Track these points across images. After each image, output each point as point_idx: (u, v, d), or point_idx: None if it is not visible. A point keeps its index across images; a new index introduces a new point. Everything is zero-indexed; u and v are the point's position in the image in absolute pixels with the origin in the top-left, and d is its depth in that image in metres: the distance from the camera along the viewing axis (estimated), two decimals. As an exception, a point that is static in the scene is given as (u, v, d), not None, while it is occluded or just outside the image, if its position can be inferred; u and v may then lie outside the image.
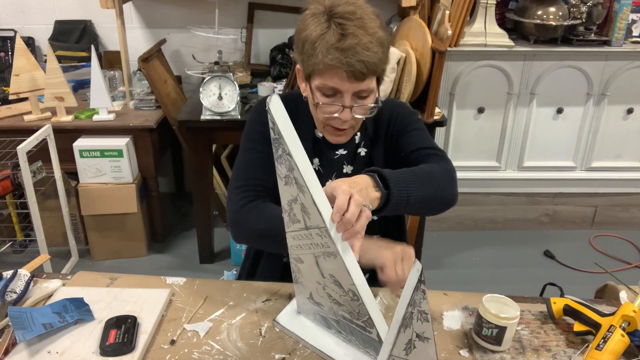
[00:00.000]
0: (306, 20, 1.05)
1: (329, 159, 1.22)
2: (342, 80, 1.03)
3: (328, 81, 1.05)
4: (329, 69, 1.03)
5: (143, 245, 2.63)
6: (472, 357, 0.96)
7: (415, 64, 2.14)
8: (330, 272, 0.88)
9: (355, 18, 1.01)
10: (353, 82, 1.03)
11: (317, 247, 0.86)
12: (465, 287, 1.24)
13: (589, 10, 2.55)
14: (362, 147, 1.24)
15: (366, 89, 1.06)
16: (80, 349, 0.95)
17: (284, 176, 0.85)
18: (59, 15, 2.84)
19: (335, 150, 1.22)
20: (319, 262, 0.89)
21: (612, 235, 2.89)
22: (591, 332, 0.98)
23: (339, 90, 1.05)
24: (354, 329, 0.93)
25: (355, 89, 1.05)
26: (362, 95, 1.07)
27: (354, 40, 1.00)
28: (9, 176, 2.17)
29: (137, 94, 2.63)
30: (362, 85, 1.04)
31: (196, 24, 2.63)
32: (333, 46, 1.01)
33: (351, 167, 1.23)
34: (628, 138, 2.75)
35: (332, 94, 1.07)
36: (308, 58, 1.05)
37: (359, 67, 1.01)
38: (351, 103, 1.07)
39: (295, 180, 0.82)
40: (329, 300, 0.94)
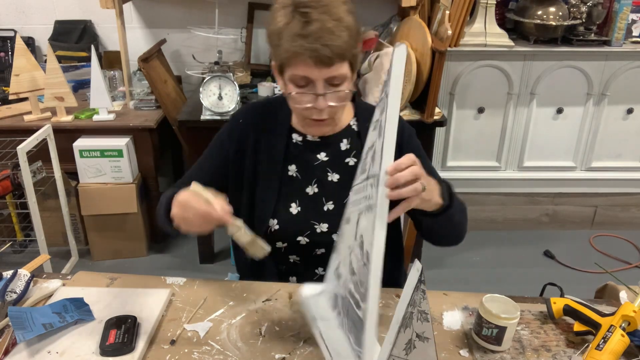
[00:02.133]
0: (273, 14, 1.06)
1: (309, 165, 1.20)
2: (309, 67, 1.02)
3: (297, 70, 1.04)
4: (295, 57, 1.02)
5: (143, 245, 2.63)
6: (472, 357, 0.96)
7: (415, 64, 2.14)
8: (362, 231, 0.87)
9: (319, 5, 1.01)
10: (322, 68, 1.02)
11: (365, 200, 0.87)
12: (465, 287, 1.24)
13: (589, 10, 2.55)
14: (351, 156, 1.21)
15: (337, 75, 1.04)
16: (80, 349, 0.95)
17: (375, 120, 0.89)
18: (59, 15, 2.84)
19: (316, 154, 1.20)
20: (360, 220, 0.89)
21: (612, 235, 2.89)
22: (591, 332, 0.98)
23: (310, 79, 1.05)
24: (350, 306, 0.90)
25: (325, 76, 1.04)
26: (334, 82, 1.06)
27: (317, 25, 1.00)
28: (9, 176, 2.17)
29: (137, 94, 2.63)
30: (332, 70, 1.03)
31: (196, 24, 2.63)
32: (297, 34, 1.01)
33: (337, 175, 1.21)
34: (628, 138, 2.75)
35: (304, 83, 1.06)
36: (276, 49, 1.06)
37: (324, 51, 1.00)
38: (324, 90, 1.05)
39: (380, 123, 0.85)
40: (348, 269, 0.92)
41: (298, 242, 1.19)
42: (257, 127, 1.21)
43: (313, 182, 1.21)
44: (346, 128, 1.23)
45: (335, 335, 0.94)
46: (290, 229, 1.19)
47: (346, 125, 1.23)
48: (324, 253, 1.19)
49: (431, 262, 2.60)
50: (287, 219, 1.18)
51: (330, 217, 1.19)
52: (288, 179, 1.20)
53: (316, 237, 1.19)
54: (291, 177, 1.21)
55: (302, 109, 1.10)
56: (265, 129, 1.21)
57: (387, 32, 2.67)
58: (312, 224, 1.19)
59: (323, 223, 1.19)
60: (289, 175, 1.21)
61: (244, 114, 1.24)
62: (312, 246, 1.20)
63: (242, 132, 1.21)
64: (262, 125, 1.21)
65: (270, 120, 1.21)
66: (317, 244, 1.19)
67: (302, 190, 1.20)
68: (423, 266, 0.82)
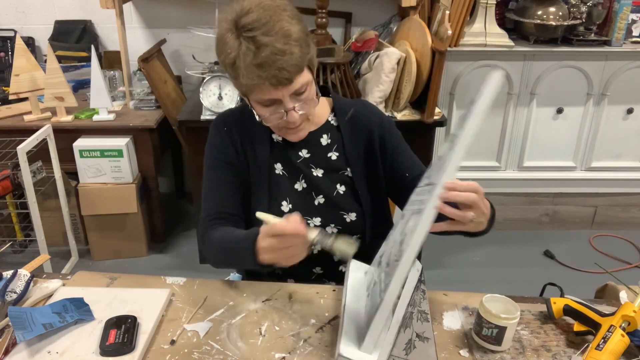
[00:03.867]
0: (220, 41, 1.05)
1: (292, 163, 1.21)
2: (272, 91, 1.04)
3: (261, 95, 1.05)
4: (255, 87, 1.04)
5: (143, 245, 2.63)
6: (472, 357, 0.96)
7: (415, 64, 2.14)
8: (407, 230, 0.90)
9: (261, 25, 1.00)
10: (284, 89, 1.04)
11: (419, 203, 0.91)
12: (465, 287, 1.24)
13: (589, 10, 2.55)
14: (333, 151, 1.22)
15: (299, 86, 1.05)
16: (80, 349, 0.95)
17: (452, 133, 0.92)
18: (59, 15, 2.84)
19: (298, 151, 1.21)
20: (409, 219, 0.92)
21: (612, 235, 2.89)
22: (591, 332, 0.98)
23: (275, 100, 1.06)
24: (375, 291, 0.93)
25: (289, 92, 1.05)
26: (299, 92, 1.07)
27: (267, 50, 0.99)
28: (9, 176, 2.17)
29: (137, 94, 2.63)
30: (294, 86, 1.04)
31: (196, 24, 2.63)
32: (251, 64, 1.00)
33: (321, 170, 1.21)
34: (628, 138, 2.75)
35: (270, 103, 1.07)
36: (235, 80, 1.06)
37: (282, 75, 1.00)
38: (292, 104, 1.07)
39: (453, 137, 0.88)
40: (386, 260, 0.95)
41: None
42: (240, 131, 1.22)
43: (300, 177, 1.21)
44: (325, 124, 1.23)
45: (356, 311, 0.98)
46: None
47: (325, 122, 1.24)
48: (320, 251, 1.19)
49: (431, 262, 2.60)
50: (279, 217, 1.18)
51: (322, 210, 1.20)
52: (276, 177, 1.21)
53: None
54: (278, 176, 1.21)
55: (274, 124, 1.11)
56: (247, 133, 1.22)
57: (387, 32, 2.67)
58: (305, 219, 1.18)
59: (315, 217, 1.19)
60: (276, 174, 1.21)
61: (224, 122, 1.23)
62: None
63: (229, 138, 1.21)
64: (244, 129, 1.22)
65: (250, 123, 1.21)
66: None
67: (291, 187, 1.21)
68: (423, 266, 0.82)
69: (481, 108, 0.83)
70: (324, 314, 1.07)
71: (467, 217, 0.91)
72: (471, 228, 0.98)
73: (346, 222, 1.20)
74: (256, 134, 1.21)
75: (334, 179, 1.21)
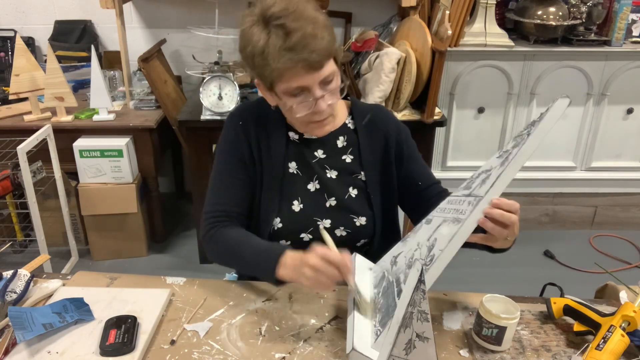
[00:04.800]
0: (246, 35, 1.05)
1: (307, 163, 1.21)
2: (303, 76, 1.03)
3: (291, 83, 1.05)
4: (286, 72, 1.03)
5: (143, 245, 2.63)
6: (472, 357, 0.96)
7: (415, 64, 2.14)
8: (438, 236, 0.92)
9: (289, 13, 1.01)
10: (314, 74, 1.04)
11: (455, 212, 0.94)
12: (465, 287, 1.24)
13: (589, 10, 2.55)
14: (348, 153, 1.22)
15: (328, 74, 1.06)
16: (80, 349, 0.95)
17: (504, 150, 0.95)
18: (59, 15, 2.84)
19: (314, 151, 1.21)
20: (441, 226, 0.95)
21: (612, 235, 2.89)
22: (591, 332, 0.98)
23: (304, 87, 1.06)
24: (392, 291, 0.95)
25: (318, 79, 1.05)
26: (327, 81, 1.07)
27: (299, 34, 1.00)
28: (9, 176, 2.17)
29: (137, 94, 2.63)
30: (323, 72, 1.05)
31: (196, 24, 2.63)
32: (282, 48, 1.00)
33: (335, 172, 1.21)
34: (628, 138, 2.75)
35: (299, 92, 1.07)
36: (263, 69, 1.05)
37: (313, 58, 1.01)
38: (321, 93, 1.07)
39: (507, 154, 0.92)
40: (406, 262, 0.98)
41: (302, 240, 1.19)
42: (256, 126, 1.21)
43: (314, 178, 1.21)
44: (342, 126, 1.24)
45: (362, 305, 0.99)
46: (293, 226, 1.19)
47: (342, 124, 1.24)
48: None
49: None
50: (290, 216, 1.19)
51: (333, 212, 1.20)
52: (290, 176, 1.21)
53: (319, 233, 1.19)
54: (292, 175, 1.21)
55: (302, 116, 1.10)
56: (263, 128, 1.21)
57: (387, 32, 2.67)
58: (314, 220, 1.19)
59: (326, 219, 1.19)
60: (290, 173, 1.21)
61: (241, 115, 1.22)
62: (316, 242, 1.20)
63: (245, 134, 1.20)
64: (260, 125, 1.21)
65: (266, 119, 1.21)
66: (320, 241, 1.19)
67: (304, 187, 1.21)
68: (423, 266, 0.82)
69: (543, 131, 0.85)
70: (324, 314, 1.07)
71: (503, 234, 0.93)
72: (499, 244, 1.01)
73: (356, 225, 1.20)
74: (273, 130, 1.20)
75: (347, 182, 1.21)
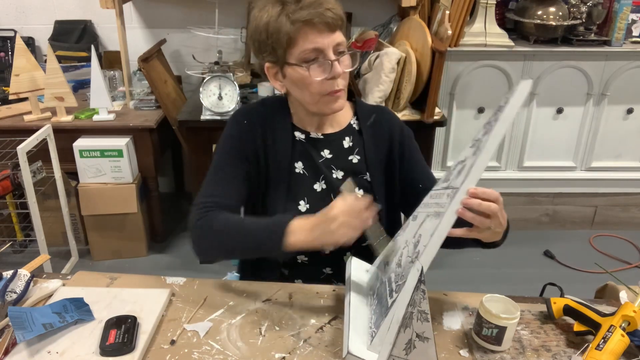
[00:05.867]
0: (260, 12, 1.07)
1: (314, 163, 1.20)
2: (318, 35, 1.04)
3: (306, 43, 1.05)
4: (301, 30, 1.04)
5: (143, 245, 2.63)
6: (472, 357, 0.96)
7: (415, 64, 2.14)
8: (422, 232, 0.92)
9: None
10: (329, 34, 1.05)
11: (436, 206, 0.93)
12: (465, 287, 1.23)
13: (589, 10, 2.55)
14: (354, 154, 1.22)
15: (341, 41, 1.07)
16: (80, 349, 0.95)
17: (476, 139, 0.93)
18: (59, 15, 2.85)
19: (320, 151, 1.21)
20: (425, 221, 0.94)
21: (612, 235, 2.89)
22: (591, 332, 0.98)
23: (319, 50, 1.05)
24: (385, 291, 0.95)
25: (333, 42, 1.06)
26: (339, 51, 1.08)
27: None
28: (9, 176, 2.17)
29: (137, 94, 2.63)
30: (336, 37, 1.06)
31: (196, 24, 2.63)
32: (297, 9, 1.02)
33: (341, 172, 1.21)
34: (628, 138, 2.75)
35: (314, 56, 1.06)
36: (276, 41, 1.06)
37: (329, 15, 1.03)
38: (335, 57, 1.07)
39: (479, 143, 0.90)
40: (396, 261, 0.97)
41: None
42: (262, 126, 1.20)
43: (320, 178, 1.21)
44: (347, 127, 1.24)
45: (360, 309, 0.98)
46: None
47: (347, 124, 1.24)
48: (332, 252, 1.19)
49: (431, 262, 2.59)
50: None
51: None
52: (296, 176, 1.20)
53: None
54: (299, 174, 1.20)
55: (318, 85, 1.08)
56: (268, 128, 1.20)
57: (387, 32, 2.67)
58: None
59: None
60: (296, 173, 1.20)
61: (246, 115, 1.22)
62: None
63: (250, 133, 1.19)
64: (266, 125, 1.20)
65: (271, 119, 1.21)
66: None
67: (310, 187, 1.20)
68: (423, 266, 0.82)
69: (509, 115, 0.85)
70: (324, 314, 1.07)
71: (485, 223, 0.91)
72: (487, 237, 0.98)
73: None
74: (278, 130, 1.20)
75: None
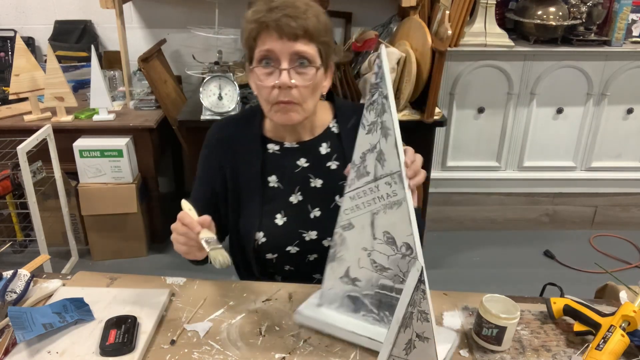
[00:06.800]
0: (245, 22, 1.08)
1: (290, 173, 1.19)
2: (274, 40, 1.02)
3: (261, 45, 1.04)
4: (260, 32, 1.03)
5: (143, 245, 2.63)
6: (472, 357, 0.96)
7: (415, 64, 2.14)
8: (385, 228, 0.90)
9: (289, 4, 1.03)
10: (286, 41, 1.02)
11: (380, 200, 0.89)
12: (465, 287, 1.24)
13: (589, 10, 2.55)
14: (332, 160, 1.19)
15: (302, 51, 1.03)
16: (80, 349, 0.95)
17: (369, 124, 0.88)
18: (59, 15, 2.84)
19: (296, 160, 1.19)
20: (375, 220, 0.91)
21: (612, 235, 2.89)
22: (591, 332, 0.98)
23: (275, 54, 1.03)
24: (392, 298, 0.93)
25: (289, 50, 1.02)
26: (302, 62, 1.04)
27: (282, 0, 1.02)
28: (9, 176, 2.17)
29: (137, 94, 2.63)
30: (296, 45, 1.02)
31: (196, 24, 2.63)
32: (262, 9, 1.03)
33: (320, 180, 1.19)
34: (628, 138, 2.75)
35: (267, 58, 1.05)
36: (247, 37, 1.07)
37: (287, 21, 1.00)
38: (289, 66, 1.03)
39: (381, 124, 0.87)
40: (371, 269, 0.94)
41: (288, 252, 1.19)
42: (232, 143, 1.19)
43: (296, 190, 1.19)
44: (325, 131, 1.21)
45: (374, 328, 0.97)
46: (277, 240, 1.18)
47: (325, 129, 1.21)
48: (317, 258, 1.18)
49: (431, 262, 2.60)
50: (273, 231, 1.17)
51: (318, 223, 1.18)
52: (269, 190, 1.19)
53: (306, 245, 1.18)
54: (272, 188, 1.19)
55: (268, 91, 1.06)
56: (239, 144, 1.19)
57: (387, 32, 2.67)
58: (300, 232, 1.18)
59: (311, 231, 1.18)
60: (270, 187, 1.19)
61: (217, 133, 1.22)
62: (304, 254, 1.19)
63: (219, 152, 1.20)
64: (236, 141, 1.20)
65: (242, 135, 1.19)
66: (308, 251, 1.19)
67: (286, 200, 1.19)
68: (423, 266, 0.82)
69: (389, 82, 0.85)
70: (324, 314, 1.07)
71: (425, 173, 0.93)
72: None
73: None
74: (249, 146, 1.19)
75: (332, 190, 1.18)
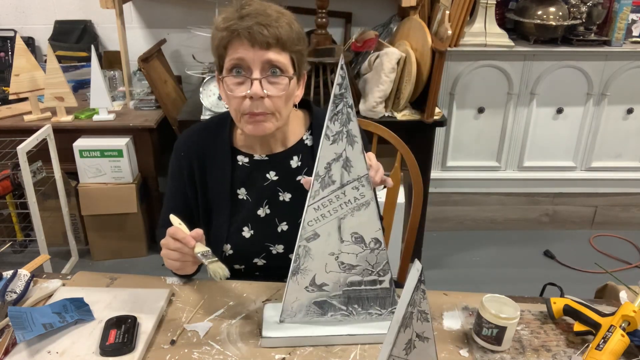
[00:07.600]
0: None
1: (258, 186, 1.17)
2: (245, 49, 0.99)
3: (232, 53, 1.01)
4: (231, 40, 1.01)
5: (143, 245, 2.63)
6: (472, 357, 0.96)
7: (415, 64, 2.14)
8: (353, 230, 0.94)
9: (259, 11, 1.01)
10: (256, 50, 0.99)
11: (347, 205, 0.93)
12: (465, 287, 1.24)
13: (589, 10, 2.55)
14: (303, 174, 1.17)
15: (274, 60, 1.00)
16: (80, 349, 0.95)
17: (334, 134, 0.89)
18: (59, 15, 2.84)
19: (265, 173, 1.17)
20: (342, 224, 0.94)
21: (612, 235, 2.89)
22: (591, 332, 0.98)
23: (245, 63, 1.00)
24: (361, 291, 0.96)
25: (261, 58, 0.99)
26: (274, 72, 1.02)
27: (254, 7, 1.00)
28: (9, 176, 2.17)
29: (137, 94, 2.63)
30: (269, 54, 0.99)
31: (196, 24, 2.63)
32: (233, 17, 1.00)
33: (289, 194, 1.17)
34: (628, 138, 2.75)
35: (238, 67, 1.02)
36: (216, 46, 1.05)
37: (258, 29, 0.98)
38: (261, 76, 1.01)
39: (347, 133, 0.89)
40: (339, 271, 0.97)
41: (255, 264, 1.19)
42: (200, 155, 1.18)
43: (264, 203, 1.17)
44: (297, 144, 1.18)
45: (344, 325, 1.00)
46: (244, 252, 1.18)
47: (297, 141, 1.18)
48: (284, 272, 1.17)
49: (431, 262, 2.60)
50: (240, 243, 1.17)
51: (286, 237, 1.17)
52: (238, 202, 1.18)
53: (272, 258, 1.18)
54: (241, 201, 1.18)
55: (239, 102, 1.03)
56: (207, 155, 1.17)
57: (387, 32, 2.67)
58: (266, 246, 1.17)
59: (278, 244, 1.17)
60: (239, 199, 1.18)
61: (184, 145, 1.20)
62: (271, 267, 1.19)
63: (187, 165, 1.18)
64: (204, 152, 1.18)
65: (210, 146, 1.17)
66: (275, 264, 1.19)
67: (254, 213, 1.17)
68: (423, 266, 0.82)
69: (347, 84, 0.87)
70: (324, 314, 1.07)
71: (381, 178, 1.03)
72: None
73: None
74: (218, 158, 1.17)
75: (301, 205, 1.12)
